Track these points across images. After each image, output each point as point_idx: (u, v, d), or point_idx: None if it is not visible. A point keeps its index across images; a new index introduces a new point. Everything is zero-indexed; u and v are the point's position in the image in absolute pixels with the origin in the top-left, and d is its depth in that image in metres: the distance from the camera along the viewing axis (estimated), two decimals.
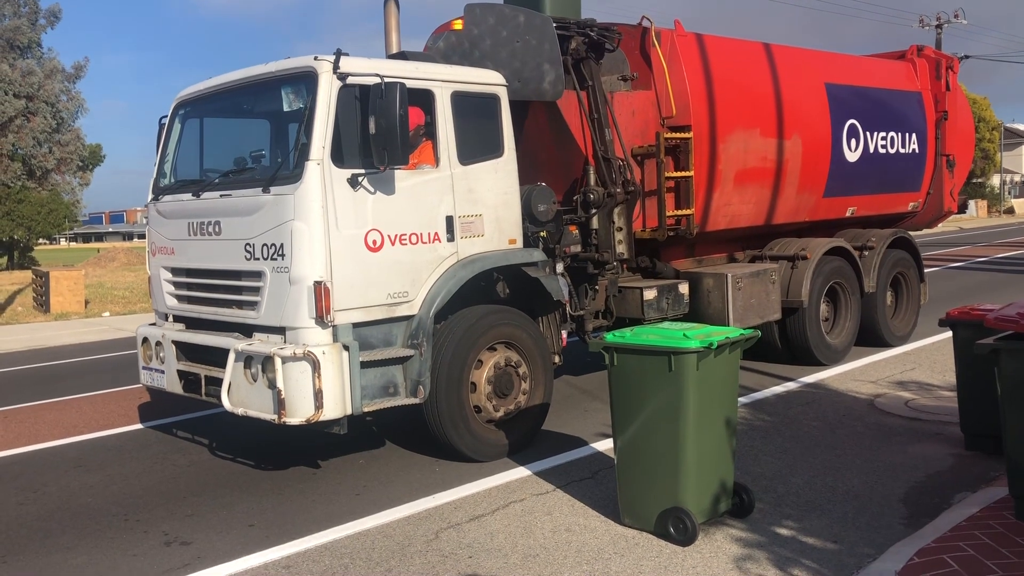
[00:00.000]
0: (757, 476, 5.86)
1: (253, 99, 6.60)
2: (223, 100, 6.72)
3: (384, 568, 4.66)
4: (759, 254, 9.19)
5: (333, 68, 5.75)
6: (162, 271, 6.84)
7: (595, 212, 7.55)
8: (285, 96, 6.09)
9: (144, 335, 6.92)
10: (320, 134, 5.67)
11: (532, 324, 6.87)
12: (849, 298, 9.51)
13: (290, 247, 5.66)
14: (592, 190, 7.50)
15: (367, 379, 5.83)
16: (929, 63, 10.59)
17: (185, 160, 6.99)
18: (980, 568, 4.12)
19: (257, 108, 6.72)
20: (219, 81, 6.63)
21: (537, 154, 7.66)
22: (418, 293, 6.12)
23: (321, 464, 6.61)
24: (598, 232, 7.61)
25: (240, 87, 6.47)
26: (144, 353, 6.92)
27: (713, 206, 8.29)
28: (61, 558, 5.07)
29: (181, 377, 6.53)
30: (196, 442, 7.41)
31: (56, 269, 21.02)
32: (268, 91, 6.27)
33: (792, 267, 8.93)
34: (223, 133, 7.12)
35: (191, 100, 6.94)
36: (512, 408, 6.60)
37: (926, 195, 10.76)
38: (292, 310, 5.69)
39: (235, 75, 6.47)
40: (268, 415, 5.68)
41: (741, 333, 4.98)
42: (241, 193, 6.05)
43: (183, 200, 6.58)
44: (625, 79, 8.03)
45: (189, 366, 6.48)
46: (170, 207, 6.74)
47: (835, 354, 9.31)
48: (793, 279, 8.88)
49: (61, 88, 37.95)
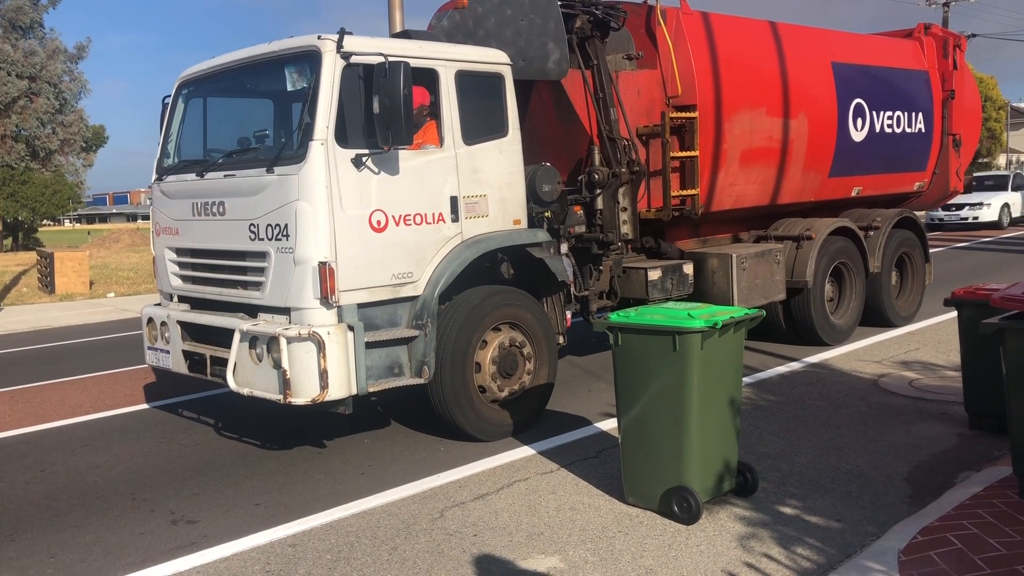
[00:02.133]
0: (761, 455, 5.87)
1: (256, 79, 6.57)
2: (226, 80, 6.69)
3: (390, 546, 4.69)
4: (764, 234, 9.17)
5: (337, 47, 5.71)
6: (167, 251, 6.83)
7: (600, 192, 7.54)
8: (288, 76, 6.05)
9: (149, 315, 6.93)
10: (324, 114, 5.65)
11: (536, 304, 6.87)
12: (854, 278, 9.49)
13: (295, 227, 5.65)
14: (597, 170, 7.48)
15: (372, 359, 5.85)
16: (936, 41, 10.51)
17: (189, 140, 6.97)
18: (983, 546, 4.12)
19: (260, 88, 6.69)
20: (222, 60, 6.60)
21: (542, 134, 7.63)
22: (423, 274, 6.11)
23: (326, 444, 6.64)
24: (603, 212, 7.60)
25: (243, 66, 6.44)
26: (149, 333, 6.93)
27: (718, 186, 8.26)
28: (69, 536, 5.11)
29: (186, 357, 6.54)
30: (202, 422, 7.45)
31: (61, 250, 21.07)
32: (271, 70, 6.24)
33: (797, 247, 8.90)
34: (226, 113, 7.10)
35: (194, 80, 6.91)
36: (516, 388, 6.61)
37: (932, 175, 10.71)
38: (297, 290, 5.69)
39: (238, 54, 6.44)
40: (273, 395, 5.69)
41: (745, 313, 4.98)
42: (245, 173, 6.04)
43: (187, 180, 6.57)
44: (630, 58, 7.98)
45: (194, 346, 6.49)
46: (174, 187, 6.73)
47: (839, 334, 9.31)
48: (798, 259, 8.86)
49: (63, 68, 37.88)
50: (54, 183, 38.06)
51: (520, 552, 4.55)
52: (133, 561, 4.70)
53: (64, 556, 4.83)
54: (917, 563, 3.98)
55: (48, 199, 37.45)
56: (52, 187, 37.75)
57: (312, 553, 4.67)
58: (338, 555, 4.62)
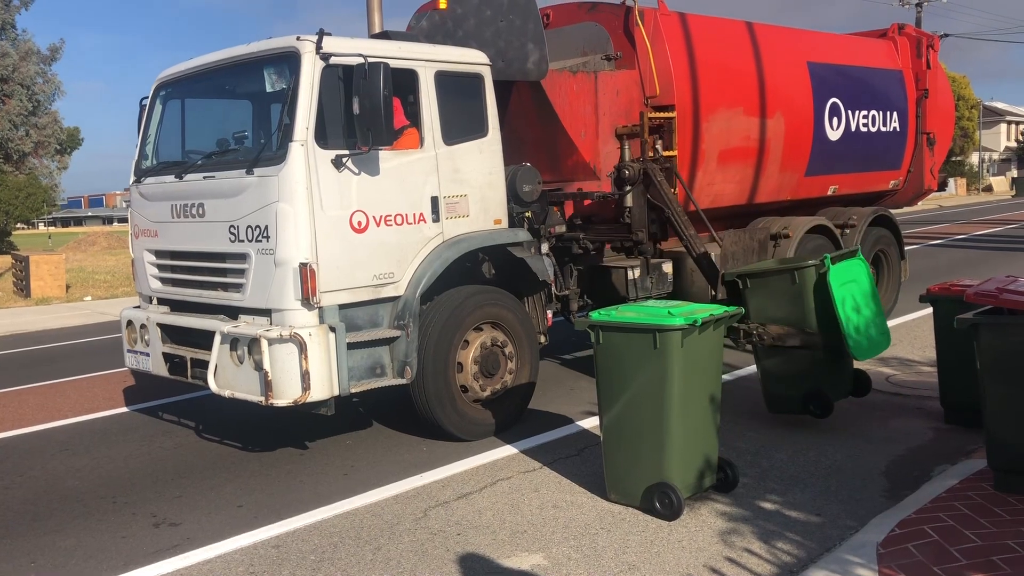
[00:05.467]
0: (741, 451, 5.93)
1: (235, 80, 6.55)
2: (205, 81, 6.67)
3: (373, 547, 4.70)
4: (743, 232, 9.23)
5: (316, 48, 5.71)
6: (145, 254, 6.80)
7: (629, 190, 7.49)
8: (268, 77, 6.04)
9: (128, 318, 6.89)
10: (304, 115, 5.65)
11: (518, 304, 6.90)
12: None
13: (275, 229, 5.64)
14: (627, 166, 7.43)
15: (354, 360, 5.85)
16: (910, 41, 10.65)
17: (167, 142, 6.94)
18: (959, 538, 4.19)
19: (239, 89, 6.67)
20: (201, 62, 6.57)
21: (522, 134, 7.67)
22: (404, 274, 6.12)
23: (308, 445, 6.63)
24: (631, 211, 7.52)
25: (222, 68, 6.42)
26: (128, 336, 6.89)
27: (697, 185, 8.33)
28: (50, 540, 5.07)
29: (166, 360, 6.51)
30: (182, 425, 7.41)
31: (36, 253, 20.82)
32: (250, 72, 6.22)
33: (775, 246, 8.98)
34: (205, 114, 7.07)
35: (172, 81, 6.88)
36: (499, 387, 6.63)
37: (907, 173, 10.85)
38: (278, 292, 5.69)
39: (217, 55, 6.42)
40: (255, 397, 5.68)
41: (725, 310, 5.03)
42: (224, 175, 6.02)
43: (166, 182, 6.53)
44: (609, 58, 8.03)
45: (174, 348, 6.46)
46: (153, 189, 6.69)
47: None
48: (776, 257, 8.93)
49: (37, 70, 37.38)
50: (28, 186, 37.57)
51: (504, 550, 4.57)
52: (115, 565, 4.67)
53: (44, 561, 4.79)
54: (895, 555, 4.03)
55: (22, 202, 36.95)
56: (26, 190, 37.26)
57: (296, 554, 4.67)
58: (322, 556, 4.62)
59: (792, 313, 6.17)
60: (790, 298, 6.16)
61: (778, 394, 6.44)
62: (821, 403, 6.26)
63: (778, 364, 6.34)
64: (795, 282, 6.13)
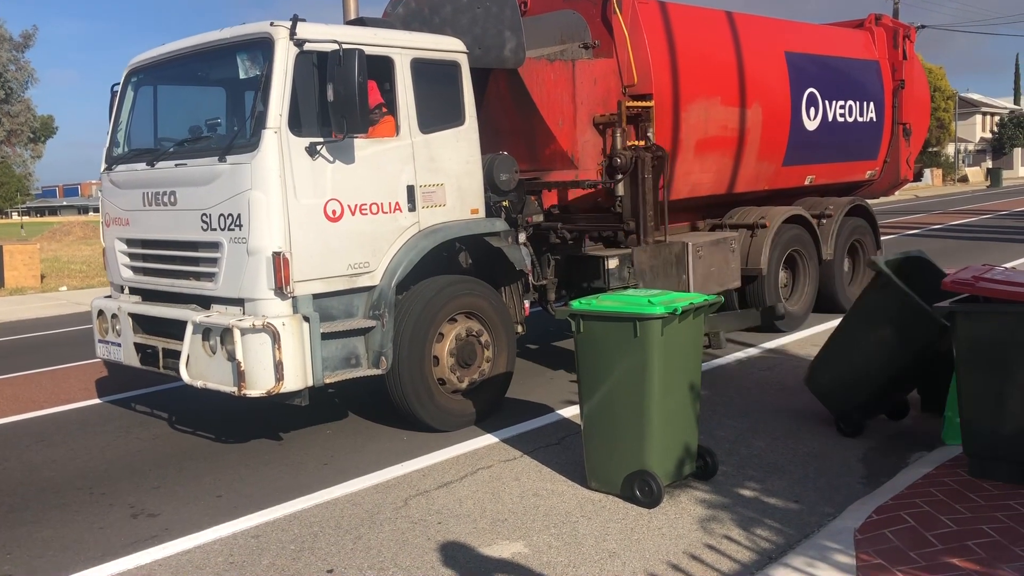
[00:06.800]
0: (720, 439, 5.96)
1: (208, 66, 6.46)
2: (177, 67, 6.57)
3: (354, 536, 4.68)
4: (719, 223, 9.25)
5: (290, 34, 5.64)
6: (117, 242, 6.70)
7: (621, 178, 7.41)
8: (241, 63, 5.95)
9: (100, 308, 6.79)
10: (277, 102, 5.57)
11: (494, 294, 6.86)
12: (807, 265, 9.63)
13: (248, 217, 5.57)
14: (619, 154, 7.35)
15: (328, 350, 5.79)
16: (887, 32, 10.67)
17: (139, 129, 6.83)
18: (935, 523, 4.25)
19: (212, 75, 6.58)
20: (173, 47, 6.47)
21: (499, 123, 7.62)
22: (379, 263, 6.07)
23: (287, 435, 6.58)
24: (622, 200, 7.43)
25: (194, 54, 6.32)
26: (100, 326, 6.80)
27: (674, 175, 8.30)
28: (26, 532, 5.01)
29: (138, 350, 6.43)
30: (156, 416, 7.32)
31: (10, 243, 20.52)
32: (223, 58, 6.14)
33: (752, 235, 9.00)
34: (178, 101, 6.96)
35: (144, 67, 6.77)
36: (476, 378, 6.60)
37: (883, 163, 10.90)
38: (251, 281, 5.62)
39: (189, 41, 6.32)
40: (228, 388, 5.62)
41: (704, 299, 5.05)
42: (197, 162, 5.94)
43: (137, 170, 6.43)
44: (587, 47, 7.97)
45: (146, 339, 6.38)
46: (124, 177, 6.59)
47: (793, 321, 9.44)
48: (752, 247, 8.96)
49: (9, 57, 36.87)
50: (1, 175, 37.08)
51: (484, 538, 4.57)
52: (93, 556, 4.63)
53: (21, 552, 4.74)
54: (872, 541, 4.08)
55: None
56: None
57: (275, 544, 4.64)
58: (302, 545, 4.60)
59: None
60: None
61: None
62: None
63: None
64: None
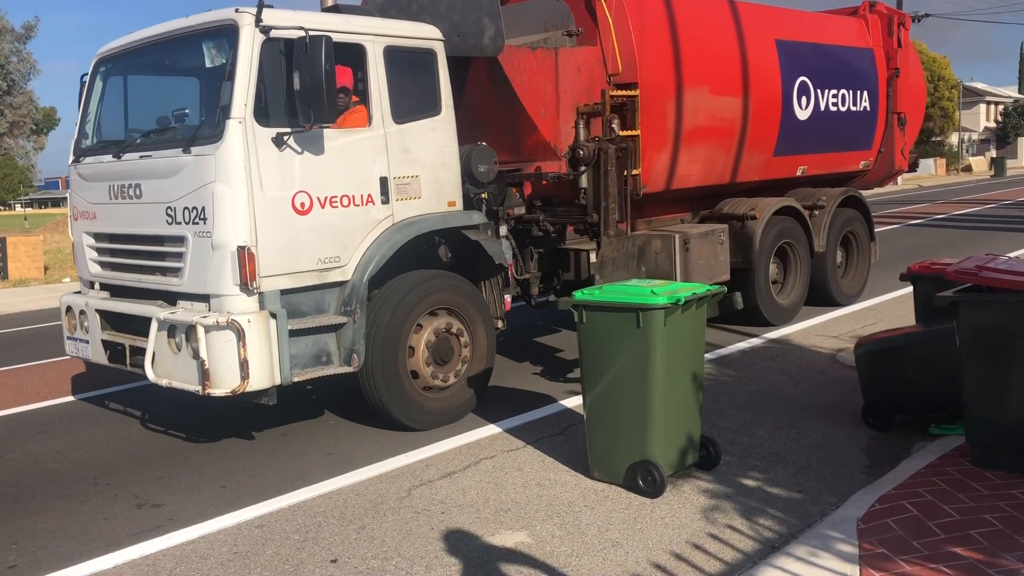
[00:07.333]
0: (723, 429, 5.95)
1: (174, 54, 6.28)
2: (144, 56, 6.39)
3: (357, 525, 4.68)
4: (709, 214, 9.06)
5: (255, 21, 5.46)
6: (85, 237, 6.54)
7: (584, 170, 7.23)
8: (207, 51, 5.78)
9: (68, 304, 6.64)
10: (242, 91, 5.40)
11: (473, 289, 6.69)
12: (799, 258, 9.44)
13: (212, 211, 5.41)
14: (582, 145, 7.17)
15: (297, 348, 5.64)
16: (881, 19, 10.44)
17: (107, 120, 6.66)
18: (938, 512, 4.24)
19: (179, 64, 6.40)
20: (141, 36, 6.30)
21: (480, 113, 7.43)
22: (351, 258, 5.90)
23: (290, 426, 6.59)
24: (586, 191, 7.26)
25: (161, 42, 6.15)
26: (69, 323, 6.64)
27: (660, 166, 8.12)
28: (31, 522, 5.02)
29: (106, 347, 6.28)
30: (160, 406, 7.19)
31: (14, 235, 20.42)
32: (189, 46, 5.96)
33: (741, 227, 8.81)
34: (146, 91, 6.78)
35: (112, 56, 6.59)
36: (452, 375, 6.44)
37: (877, 153, 10.68)
38: (215, 277, 5.45)
39: (156, 29, 6.15)
40: (192, 386, 5.47)
41: (707, 289, 5.03)
42: (162, 154, 5.77)
43: (104, 162, 6.27)
44: (570, 34, 7.78)
45: (114, 336, 6.23)
46: (91, 169, 6.43)
47: (784, 314, 9.26)
48: (742, 239, 8.77)
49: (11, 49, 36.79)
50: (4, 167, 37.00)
51: (488, 528, 4.57)
52: (98, 546, 4.63)
53: (27, 543, 4.74)
54: (875, 530, 4.08)
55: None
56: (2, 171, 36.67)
57: (280, 533, 4.64)
58: (306, 535, 4.60)
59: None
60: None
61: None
62: None
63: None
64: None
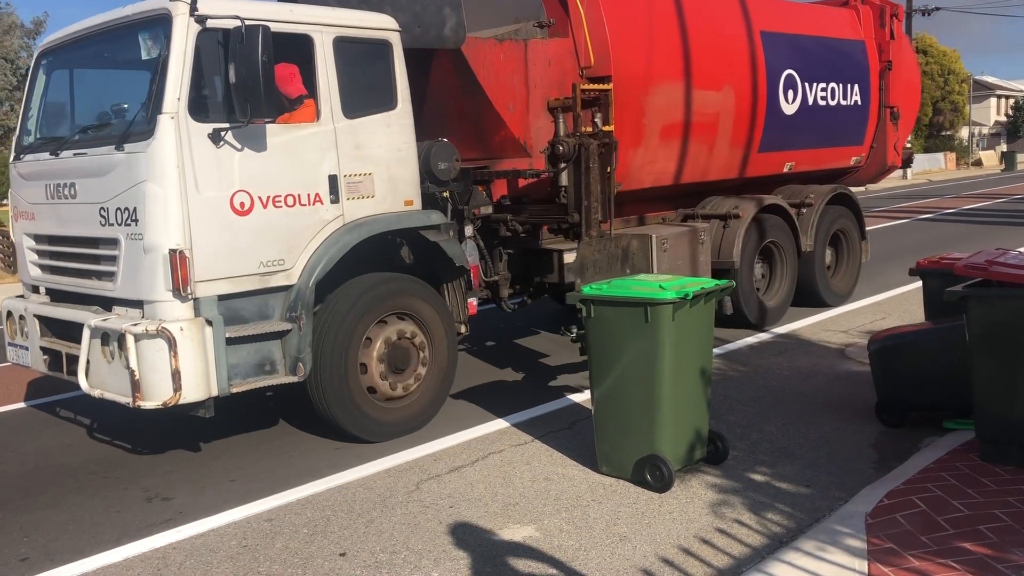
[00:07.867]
0: (731, 424, 5.94)
1: (113, 47, 5.96)
2: (84, 48, 6.09)
3: (366, 519, 4.69)
4: (691, 213, 8.72)
5: (190, 10, 5.15)
6: (24, 238, 6.25)
7: (564, 167, 6.89)
8: (142, 42, 5.47)
9: (8, 308, 6.35)
10: (174, 84, 5.09)
11: (432, 292, 6.38)
12: (785, 258, 9.08)
13: (143, 211, 5.11)
14: (561, 141, 6.82)
15: (238, 356, 5.33)
16: (873, 10, 10.03)
17: (49, 116, 6.37)
18: (946, 508, 4.24)
19: (118, 56, 6.07)
20: (81, 27, 5.99)
21: (445, 107, 7.12)
22: (296, 261, 5.59)
23: (299, 420, 6.44)
24: (566, 190, 6.92)
25: (100, 33, 5.83)
26: (9, 328, 6.35)
27: (637, 163, 7.78)
28: (43, 515, 5.02)
29: (44, 354, 5.99)
30: None
31: None
32: (126, 37, 5.64)
33: (724, 226, 8.46)
34: (87, 85, 6.46)
35: (53, 49, 6.29)
36: (411, 383, 6.13)
37: (869, 149, 10.29)
38: (148, 281, 5.15)
39: (94, 20, 5.85)
40: (124, 398, 5.17)
41: (716, 284, 5.02)
42: (96, 151, 5.48)
43: (42, 160, 5.98)
44: (541, 26, 7.44)
45: (52, 342, 5.94)
46: (29, 168, 6.14)
47: (769, 316, 8.91)
48: (724, 239, 8.42)
49: (21, 44, 36.77)
50: None
51: (496, 522, 4.58)
52: (108, 539, 4.64)
53: (38, 535, 4.75)
54: (883, 525, 4.09)
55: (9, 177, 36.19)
56: None
57: (289, 527, 4.65)
58: (315, 529, 4.61)
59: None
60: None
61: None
62: None
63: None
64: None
